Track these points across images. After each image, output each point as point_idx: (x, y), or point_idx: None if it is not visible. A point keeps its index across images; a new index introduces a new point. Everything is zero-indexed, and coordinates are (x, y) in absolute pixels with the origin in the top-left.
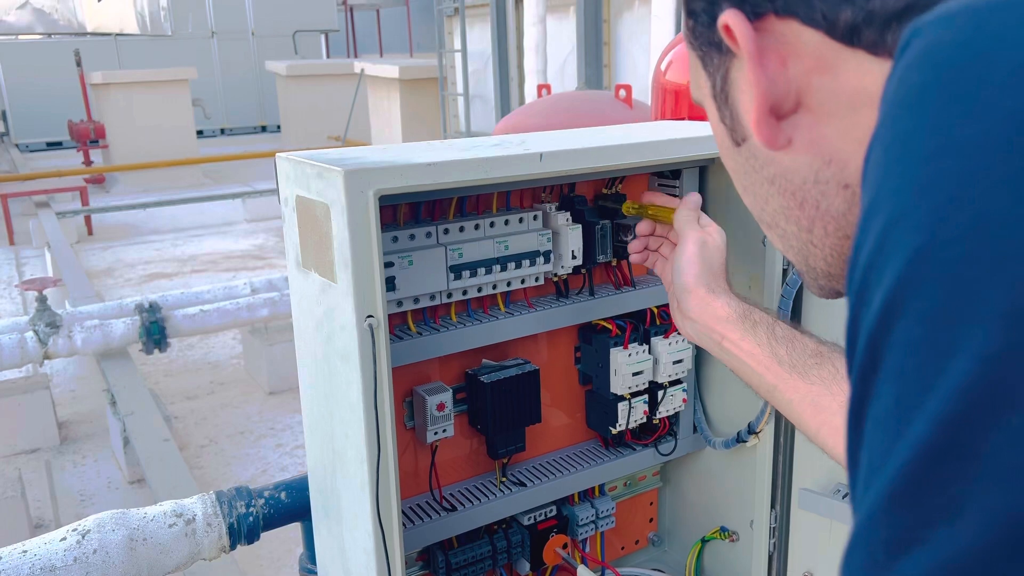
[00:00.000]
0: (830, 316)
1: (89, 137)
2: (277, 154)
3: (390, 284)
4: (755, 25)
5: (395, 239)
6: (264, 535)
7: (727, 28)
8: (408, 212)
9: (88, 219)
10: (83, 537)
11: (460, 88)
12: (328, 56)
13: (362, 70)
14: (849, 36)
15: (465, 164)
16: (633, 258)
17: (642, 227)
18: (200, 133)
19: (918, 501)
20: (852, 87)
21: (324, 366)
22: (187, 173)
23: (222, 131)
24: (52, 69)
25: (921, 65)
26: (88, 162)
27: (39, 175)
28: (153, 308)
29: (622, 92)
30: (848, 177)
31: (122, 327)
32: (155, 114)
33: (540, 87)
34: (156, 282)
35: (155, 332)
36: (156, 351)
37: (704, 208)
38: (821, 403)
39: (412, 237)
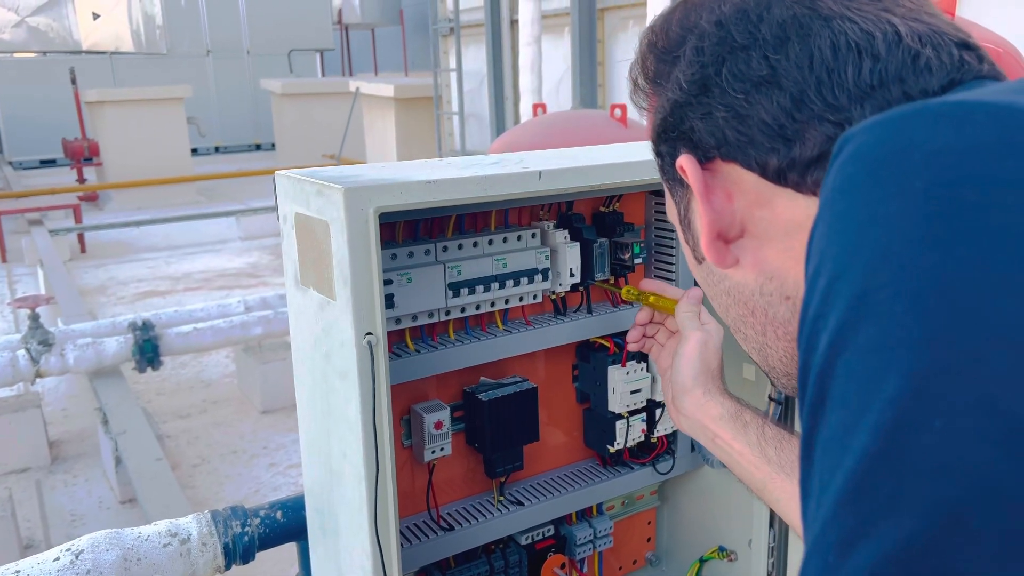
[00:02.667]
0: None
1: (83, 155)
2: (276, 172)
3: (389, 301)
4: (705, 167)
5: (394, 256)
6: (260, 555)
7: (682, 168)
8: (407, 229)
9: (81, 237)
10: (77, 557)
11: (455, 107)
12: (323, 74)
13: (357, 89)
14: (777, 177)
15: (464, 182)
16: (631, 346)
17: (641, 316)
18: (195, 151)
19: (862, 501)
20: (784, 217)
21: (322, 384)
22: (181, 191)
23: (216, 149)
24: (47, 87)
25: (852, 161)
26: (82, 180)
27: (32, 192)
28: (146, 326)
29: (617, 111)
30: (788, 290)
31: (115, 345)
32: (149, 132)
33: (535, 106)
34: (149, 300)
35: (148, 350)
36: (149, 369)
37: None
38: None
39: (411, 255)
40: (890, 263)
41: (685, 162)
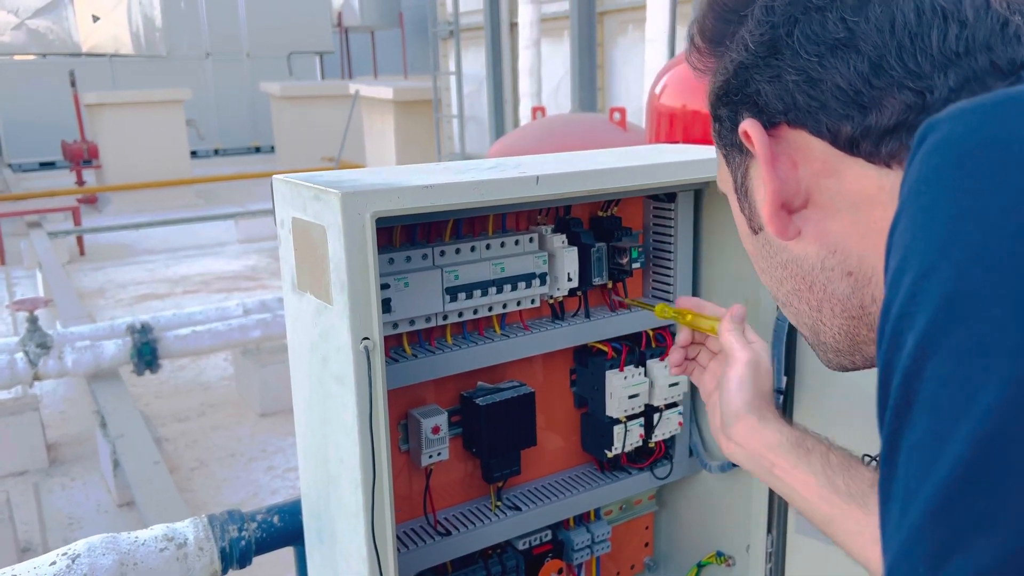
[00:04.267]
0: None
1: (82, 157)
2: (273, 176)
3: (386, 306)
4: (770, 132)
5: (391, 261)
6: (257, 559)
7: (746, 134)
8: (404, 234)
9: (80, 239)
10: (73, 561)
11: (455, 110)
12: (323, 77)
13: (356, 91)
14: (849, 146)
15: (462, 187)
16: (673, 371)
17: (682, 337)
18: (194, 154)
19: (957, 514)
20: (853, 189)
21: (319, 389)
22: (180, 194)
23: (216, 152)
24: (46, 89)
25: (938, 151)
26: (81, 182)
27: (31, 195)
28: (145, 329)
29: (616, 115)
30: (851, 266)
31: (113, 348)
32: (149, 134)
33: (535, 109)
34: (148, 303)
35: (146, 353)
36: (147, 372)
37: (699, 231)
38: None
39: (408, 259)
40: (985, 262)
41: (750, 126)
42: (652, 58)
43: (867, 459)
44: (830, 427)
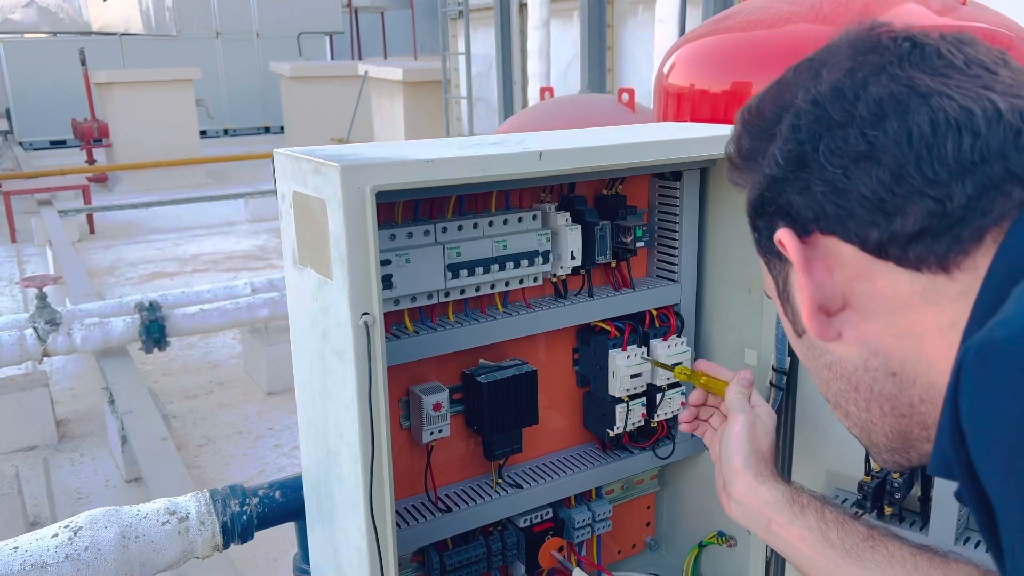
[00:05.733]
0: None
1: (92, 136)
2: (275, 150)
3: (387, 282)
4: (804, 240)
5: (393, 237)
6: (261, 534)
7: (780, 243)
8: (406, 210)
9: (90, 218)
10: (75, 534)
11: (463, 91)
12: (332, 58)
13: (366, 72)
14: (878, 251)
15: (463, 162)
16: (683, 427)
17: (694, 396)
18: (203, 133)
19: None
20: (887, 292)
21: (319, 364)
22: (190, 173)
23: (225, 132)
24: (57, 68)
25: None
26: (91, 161)
27: (42, 173)
28: (153, 307)
29: (625, 96)
30: (893, 366)
31: (121, 325)
32: (159, 114)
33: (543, 90)
34: (157, 281)
35: (155, 331)
36: (156, 350)
37: (705, 211)
38: None
39: (410, 235)
40: None
41: (784, 235)
42: (662, 39)
43: (859, 512)
44: (831, 409)
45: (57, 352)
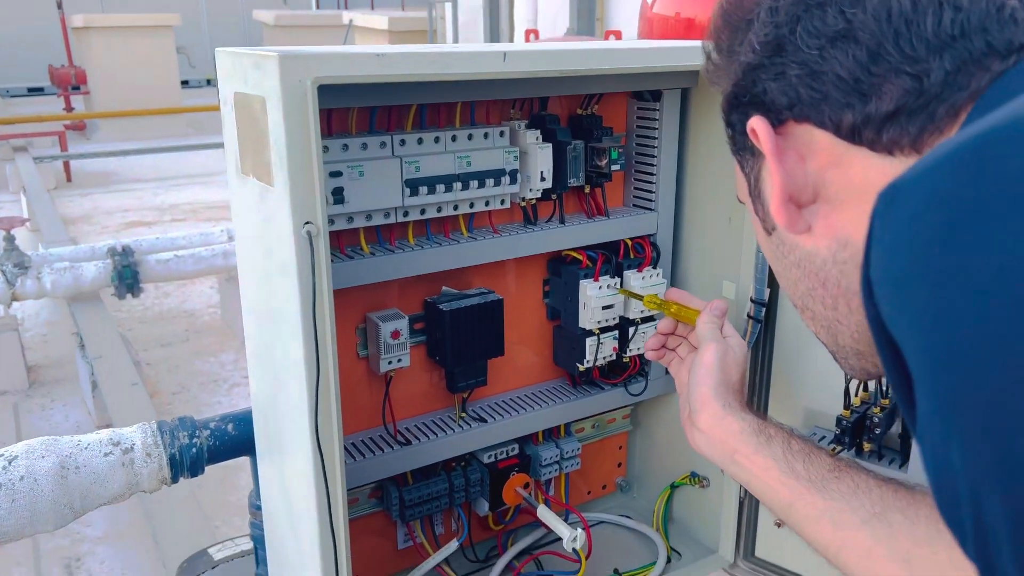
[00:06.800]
0: None
1: (70, 83)
2: (217, 49)
3: (338, 195)
4: (778, 130)
5: (345, 147)
6: (237, 481)
7: (753, 131)
8: (361, 121)
9: (67, 165)
10: (10, 463)
11: (450, 40)
12: (317, 7)
13: (351, 21)
14: (852, 135)
15: (418, 57)
16: (649, 355)
17: (663, 324)
18: (186, 83)
19: None
20: (858, 179)
21: (265, 286)
22: (171, 123)
23: (208, 82)
24: (33, 12)
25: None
26: (69, 108)
27: (17, 120)
28: (126, 252)
29: (612, 38)
30: (861, 258)
31: (93, 270)
32: (138, 61)
33: (528, 32)
34: (135, 230)
35: (127, 276)
36: (129, 296)
37: (686, 136)
38: (841, 519)
39: (364, 147)
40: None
41: (757, 123)
42: None
43: (837, 449)
44: (810, 338)
45: (26, 296)
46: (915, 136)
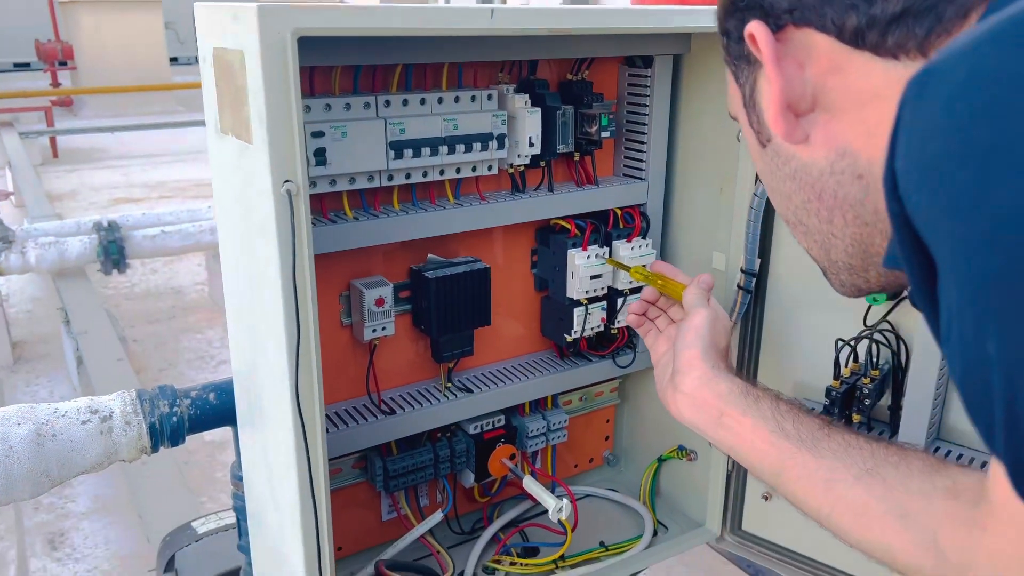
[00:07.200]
0: None
1: (57, 58)
2: (196, 3)
3: (320, 156)
4: (777, 36)
5: (328, 107)
6: (222, 458)
7: (751, 36)
8: (346, 82)
9: (53, 141)
10: None
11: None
12: None
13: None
14: (855, 39)
15: (403, 11)
16: (630, 319)
17: (648, 292)
18: (175, 60)
19: None
20: (859, 85)
21: (245, 249)
22: (159, 99)
23: (196, 59)
24: None
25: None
26: (56, 84)
27: (3, 95)
28: (112, 227)
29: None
30: (861, 168)
31: (79, 245)
32: (126, 36)
33: None
34: (122, 206)
35: (113, 252)
36: (115, 272)
37: (677, 104)
38: (833, 478)
39: (348, 107)
40: None
41: (755, 27)
42: None
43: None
44: (800, 309)
45: (10, 271)
46: (922, 38)
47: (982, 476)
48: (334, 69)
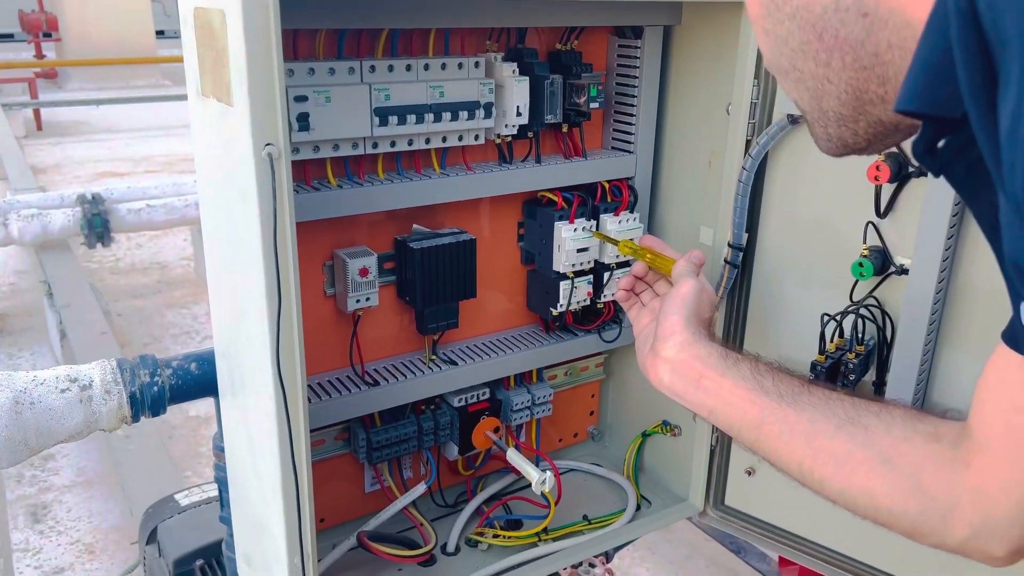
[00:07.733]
0: (795, 195)
1: (41, 29)
2: None
3: (303, 121)
4: None
5: (311, 72)
6: (207, 434)
7: None
8: (330, 46)
9: (37, 113)
10: None
11: None
12: None
13: None
14: None
15: None
16: (618, 295)
17: (638, 267)
18: (161, 33)
19: None
20: None
21: (226, 214)
22: (145, 72)
23: None
24: None
25: None
26: (40, 56)
27: None
28: (96, 200)
29: None
30: (866, 6)
31: (62, 218)
32: (111, 7)
33: None
34: (106, 180)
35: (97, 225)
36: (99, 245)
37: (667, 76)
38: (815, 429)
39: (332, 72)
40: None
41: None
42: None
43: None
44: (786, 284)
45: None
46: None
47: (963, 423)
48: (318, 33)
